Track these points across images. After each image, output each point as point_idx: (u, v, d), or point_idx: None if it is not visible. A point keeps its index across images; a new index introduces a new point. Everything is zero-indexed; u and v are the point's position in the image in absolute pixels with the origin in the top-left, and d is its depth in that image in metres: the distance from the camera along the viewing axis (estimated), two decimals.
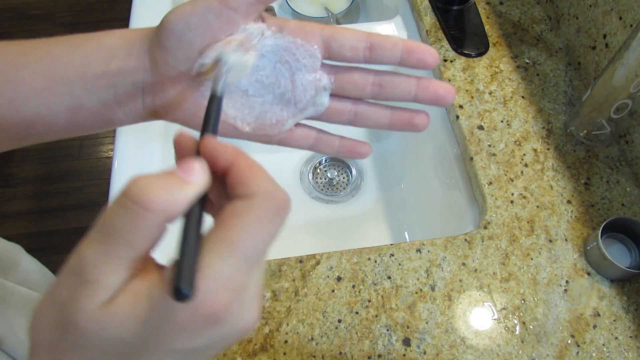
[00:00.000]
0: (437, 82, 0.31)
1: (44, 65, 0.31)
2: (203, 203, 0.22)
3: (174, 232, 0.22)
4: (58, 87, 0.31)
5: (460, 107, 0.66)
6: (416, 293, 0.53)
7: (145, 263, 0.22)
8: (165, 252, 0.26)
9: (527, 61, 0.70)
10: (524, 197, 0.59)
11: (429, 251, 0.55)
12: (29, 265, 0.58)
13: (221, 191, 0.24)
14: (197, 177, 0.22)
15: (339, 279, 0.53)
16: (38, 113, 0.31)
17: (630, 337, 0.50)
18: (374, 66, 0.32)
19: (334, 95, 0.33)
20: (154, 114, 0.33)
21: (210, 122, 0.26)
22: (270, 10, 1.02)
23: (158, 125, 0.69)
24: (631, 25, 0.58)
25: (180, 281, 0.19)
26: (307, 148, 0.34)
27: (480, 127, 0.64)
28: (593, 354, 0.49)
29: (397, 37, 0.31)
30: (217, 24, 0.29)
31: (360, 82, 0.32)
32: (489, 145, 0.63)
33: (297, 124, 0.33)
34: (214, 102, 0.27)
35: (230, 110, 0.32)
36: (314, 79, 0.32)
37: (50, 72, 0.31)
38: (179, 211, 0.21)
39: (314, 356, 0.49)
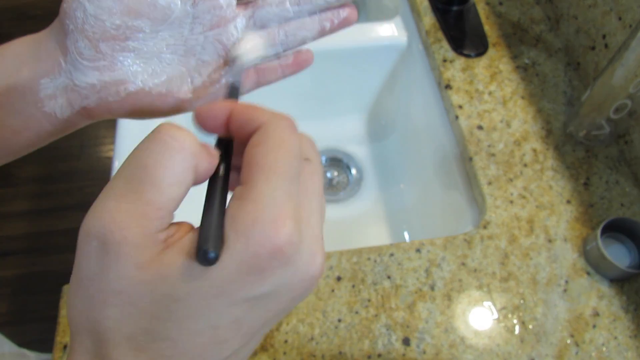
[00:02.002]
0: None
1: None
2: (225, 180, 0.22)
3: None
4: None
5: (460, 107, 0.66)
6: (416, 293, 0.53)
7: (180, 225, 0.21)
8: None
9: (527, 61, 0.70)
10: (524, 197, 0.59)
11: (428, 251, 0.55)
12: None
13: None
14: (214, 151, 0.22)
15: (338, 278, 0.53)
16: None
17: (630, 336, 0.50)
18: None
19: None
20: (87, 116, 0.31)
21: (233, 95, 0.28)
22: None
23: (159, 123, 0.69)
24: (630, 26, 0.58)
25: (207, 241, 0.17)
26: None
27: (480, 127, 0.64)
28: (592, 354, 0.49)
29: None
30: None
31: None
32: (489, 146, 0.63)
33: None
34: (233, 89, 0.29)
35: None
36: None
37: None
38: (205, 165, 0.21)
39: (314, 356, 0.49)
